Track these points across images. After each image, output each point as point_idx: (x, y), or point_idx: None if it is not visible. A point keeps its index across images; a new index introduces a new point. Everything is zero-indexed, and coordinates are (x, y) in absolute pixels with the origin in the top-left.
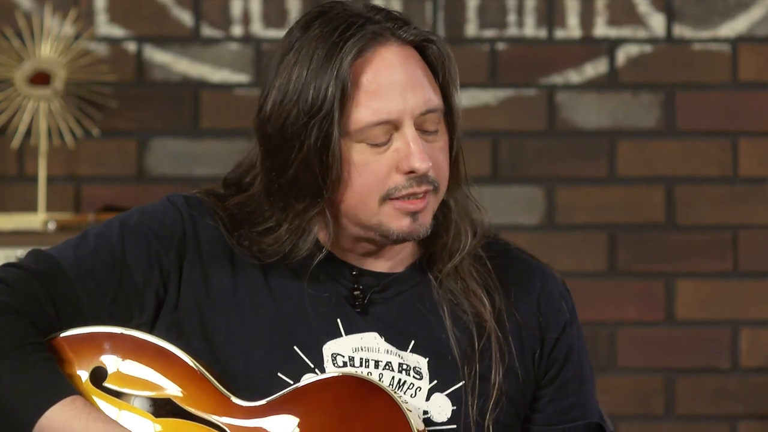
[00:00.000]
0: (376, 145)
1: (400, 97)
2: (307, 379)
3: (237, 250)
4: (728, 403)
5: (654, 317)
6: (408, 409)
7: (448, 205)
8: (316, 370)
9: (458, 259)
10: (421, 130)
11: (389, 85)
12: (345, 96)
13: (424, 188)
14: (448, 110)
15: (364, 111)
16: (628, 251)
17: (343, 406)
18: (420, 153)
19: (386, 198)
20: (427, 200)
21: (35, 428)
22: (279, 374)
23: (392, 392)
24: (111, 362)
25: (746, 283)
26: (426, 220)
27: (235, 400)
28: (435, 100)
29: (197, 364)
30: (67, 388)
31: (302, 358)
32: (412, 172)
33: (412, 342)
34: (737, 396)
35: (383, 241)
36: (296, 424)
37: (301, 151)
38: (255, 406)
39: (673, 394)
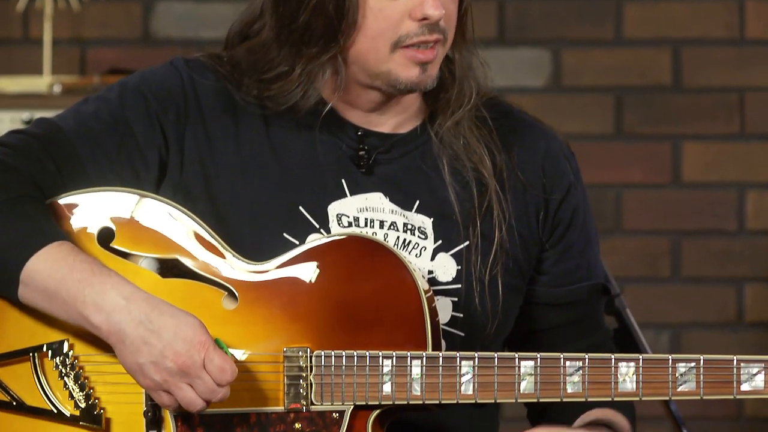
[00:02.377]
0: None
1: None
2: (313, 239)
3: (243, 104)
4: (734, 265)
5: (660, 179)
6: (414, 269)
7: (452, 59)
8: (322, 231)
9: (460, 115)
10: None
11: None
12: None
13: (435, 36)
14: None
15: None
16: (634, 113)
17: (350, 266)
18: (434, 0)
19: (397, 45)
20: (436, 51)
21: (22, 274)
22: (285, 234)
23: (399, 252)
24: (118, 223)
25: (753, 146)
26: (434, 71)
27: (241, 261)
28: None
29: (204, 225)
30: (55, 233)
31: (307, 218)
32: (425, 18)
33: (417, 202)
34: (743, 258)
35: (390, 91)
36: (303, 284)
37: None
38: (262, 268)
39: (679, 256)
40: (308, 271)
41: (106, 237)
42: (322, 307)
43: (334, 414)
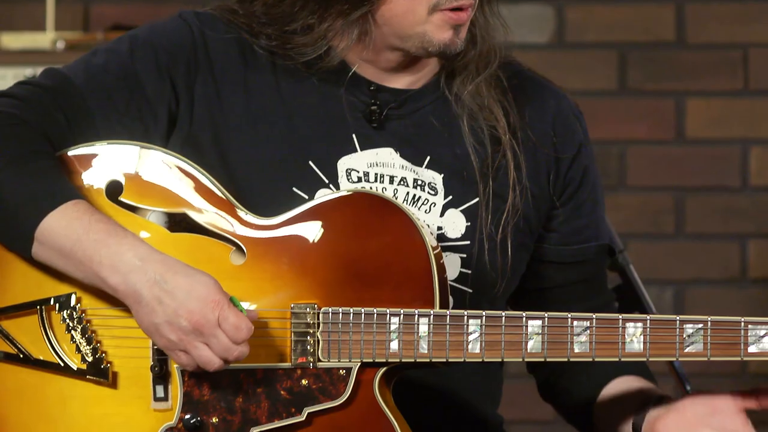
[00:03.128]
0: None
1: None
2: (322, 194)
3: (258, 54)
4: (738, 222)
5: (664, 136)
6: (422, 226)
7: (473, 22)
8: (331, 186)
9: (484, 77)
10: None
11: None
12: None
13: (470, 0)
14: None
15: None
16: (638, 70)
17: (358, 223)
18: None
19: (435, 8)
20: (468, 13)
21: (37, 232)
22: (294, 189)
23: (407, 209)
24: (126, 177)
25: (756, 102)
26: (463, 34)
27: (250, 216)
28: None
29: (213, 180)
30: (70, 192)
31: (317, 173)
32: None
33: (428, 158)
34: (747, 214)
35: (419, 53)
36: (311, 240)
37: None
38: (270, 223)
39: (683, 212)
40: (316, 227)
41: (114, 190)
42: (329, 263)
43: (340, 371)
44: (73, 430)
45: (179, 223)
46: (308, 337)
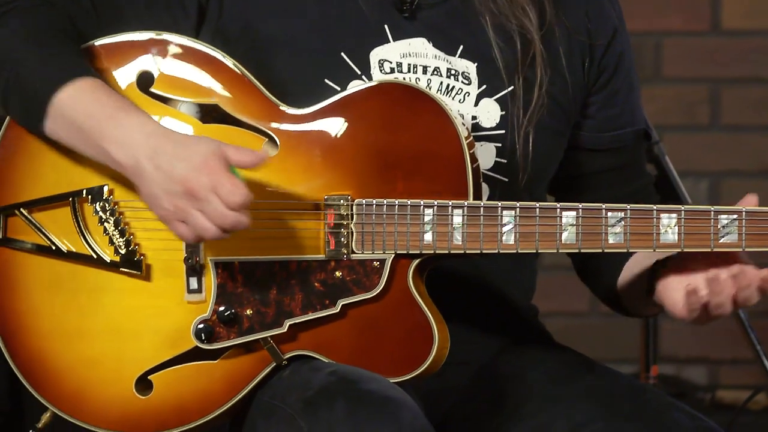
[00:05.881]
0: None
1: None
2: (354, 85)
3: None
4: None
5: (700, 27)
6: (455, 116)
7: None
8: (363, 77)
9: None
10: None
11: None
12: None
13: None
14: None
15: None
16: None
17: (390, 113)
18: None
19: None
20: None
21: (50, 106)
22: (326, 80)
23: (440, 99)
24: (158, 67)
25: None
26: None
27: (283, 107)
28: None
29: (244, 71)
30: (85, 69)
31: (349, 64)
32: None
33: (461, 47)
34: None
35: None
36: (343, 129)
37: None
38: (302, 114)
39: (718, 103)
40: (348, 119)
41: (145, 81)
42: (362, 154)
43: (374, 263)
44: (107, 321)
45: (211, 113)
46: (342, 229)
